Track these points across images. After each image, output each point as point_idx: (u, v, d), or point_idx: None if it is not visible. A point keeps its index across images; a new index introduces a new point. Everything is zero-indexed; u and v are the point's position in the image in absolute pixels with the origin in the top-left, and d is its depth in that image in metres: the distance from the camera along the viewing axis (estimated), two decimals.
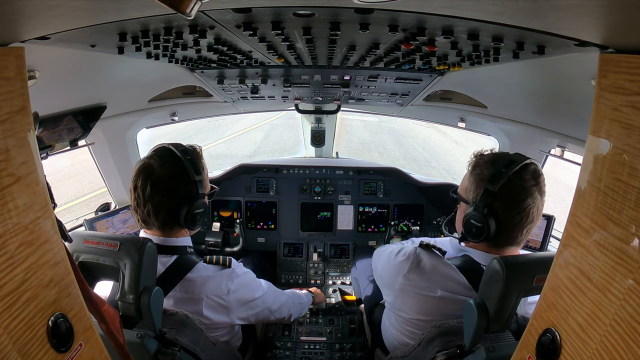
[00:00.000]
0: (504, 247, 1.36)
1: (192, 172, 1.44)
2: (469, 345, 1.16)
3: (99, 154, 2.27)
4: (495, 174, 1.29)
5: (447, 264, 1.39)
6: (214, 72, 1.89)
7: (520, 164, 1.28)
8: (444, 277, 1.36)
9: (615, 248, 0.67)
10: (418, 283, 1.38)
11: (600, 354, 0.68)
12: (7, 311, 0.70)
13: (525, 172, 1.28)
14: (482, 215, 1.29)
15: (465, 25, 0.86)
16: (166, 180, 1.40)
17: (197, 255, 1.56)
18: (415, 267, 1.40)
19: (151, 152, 1.48)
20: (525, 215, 1.27)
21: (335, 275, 2.99)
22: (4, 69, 0.72)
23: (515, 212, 1.27)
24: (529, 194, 1.27)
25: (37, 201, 0.79)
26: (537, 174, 1.30)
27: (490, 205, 1.29)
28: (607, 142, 0.70)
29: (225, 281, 1.48)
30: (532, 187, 1.27)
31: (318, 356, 2.31)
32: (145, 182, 1.40)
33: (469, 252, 1.41)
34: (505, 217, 1.28)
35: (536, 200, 1.28)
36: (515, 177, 1.27)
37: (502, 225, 1.29)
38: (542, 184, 1.31)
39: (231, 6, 0.80)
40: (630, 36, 0.66)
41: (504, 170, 1.28)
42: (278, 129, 14.47)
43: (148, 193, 1.39)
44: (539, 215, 1.31)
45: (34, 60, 1.09)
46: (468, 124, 2.41)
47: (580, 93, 1.28)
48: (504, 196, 1.28)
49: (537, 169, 1.31)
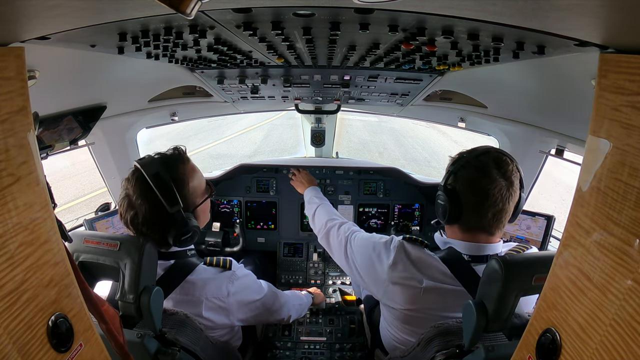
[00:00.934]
0: (474, 232, 1.41)
1: (167, 204, 1.35)
2: (468, 345, 1.16)
3: (99, 154, 2.27)
4: (459, 159, 1.44)
5: (429, 255, 1.44)
6: (214, 72, 1.89)
7: (482, 150, 1.40)
8: (427, 266, 1.41)
9: (616, 248, 0.67)
10: (404, 273, 1.42)
11: (600, 354, 0.68)
12: (7, 311, 0.70)
13: (486, 157, 1.38)
14: (445, 195, 1.40)
15: (465, 25, 0.86)
16: (145, 214, 1.37)
17: (197, 257, 1.55)
18: (401, 257, 1.44)
19: (130, 174, 1.41)
20: (485, 196, 1.33)
21: (335, 275, 2.99)
22: (4, 69, 0.72)
23: (473, 191, 1.36)
24: (485, 174, 1.34)
25: (37, 201, 0.79)
26: (500, 161, 1.36)
27: (453, 186, 1.40)
28: (607, 142, 0.70)
29: (225, 283, 1.48)
30: (492, 170, 1.34)
31: (318, 356, 2.31)
32: (127, 211, 1.39)
33: (451, 243, 1.46)
34: (466, 197, 1.37)
35: (497, 183, 1.33)
36: (473, 160, 1.39)
37: (464, 205, 1.37)
38: (509, 173, 1.36)
39: (231, 6, 0.80)
40: (630, 36, 0.66)
41: (466, 155, 1.43)
42: (278, 129, 14.47)
43: (130, 222, 1.39)
44: (504, 202, 1.35)
45: (34, 60, 1.09)
46: (468, 124, 2.41)
47: (580, 93, 1.28)
48: (462, 176, 1.38)
49: (501, 157, 1.38)
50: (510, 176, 1.36)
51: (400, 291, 1.42)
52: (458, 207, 1.38)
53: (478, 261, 1.40)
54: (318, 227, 1.97)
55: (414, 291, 1.39)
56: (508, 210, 1.38)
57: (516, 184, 1.38)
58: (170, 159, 1.46)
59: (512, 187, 1.36)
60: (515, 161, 1.41)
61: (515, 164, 1.40)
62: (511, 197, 1.37)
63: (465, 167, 1.39)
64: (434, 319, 1.36)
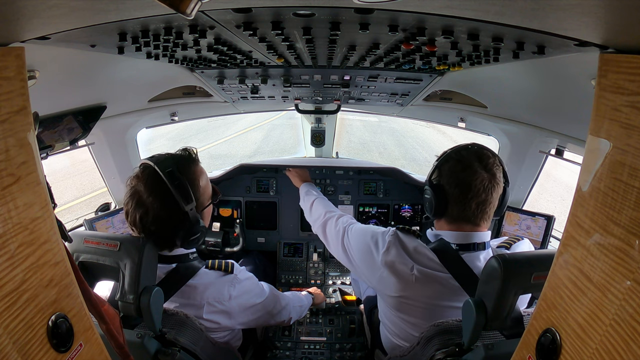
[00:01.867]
0: (459, 223, 1.45)
1: (182, 202, 1.33)
2: (468, 343, 1.16)
3: (99, 154, 2.27)
4: (442, 154, 1.50)
5: (421, 244, 1.49)
6: (214, 72, 1.89)
7: (463, 146, 1.47)
8: (418, 253, 1.46)
9: (615, 248, 0.67)
10: (396, 258, 1.46)
11: (600, 354, 0.68)
12: (7, 311, 0.70)
13: (467, 151, 1.44)
14: (430, 189, 1.47)
15: (465, 25, 0.86)
16: (156, 212, 1.33)
17: (199, 259, 1.53)
18: (394, 243, 1.49)
19: (140, 171, 1.38)
20: (467, 187, 1.38)
21: (335, 275, 2.99)
22: (4, 69, 0.72)
23: (455, 183, 1.41)
24: (466, 166, 1.40)
25: (37, 201, 0.79)
26: (481, 154, 1.42)
27: (437, 180, 1.46)
28: (607, 142, 0.70)
29: (227, 287, 1.47)
30: (473, 162, 1.39)
31: (318, 356, 2.31)
32: (136, 209, 1.35)
33: (441, 234, 1.50)
34: (449, 189, 1.42)
35: (478, 175, 1.38)
36: (454, 154, 1.45)
37: (448, 197, 1.42)
38: (490, 165, 1.40)
39: (231, 6, 0.80)
40: (630, 36, 0.66)
41: (449, 151, 1.49)
42: (278, 129, 14.48)
43: (139, 221, 1.35)
44: (487, 193, 1.40)
45: (34, 60, 1.09)
46: (468, 124, 2.41)
47: (580, 93, 1.28)
48: (445, 170, 1.45)
49: (482, 151, 1.44)
50: (492, 168, 1.40)
51: (392, 276, 1.45)
52: (443, 200, 1.43)
53: (465, 249, 1.44)
54: (315, 217, 2.00)
55: (405, 277, 1.43)
56: (492, 202, 1.42)
57: (499, 176, 1.43)
58: (183, 158, 1.45)
59: (495, 179, 1.41)
60: (498, 156, 1.46)
61: (498, 158, 1.45)
62: (494, 189, 1.41)
63: (448, 161, 1.45)
64: (425, 307, 1.41)
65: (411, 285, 1.42)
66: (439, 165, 1.48)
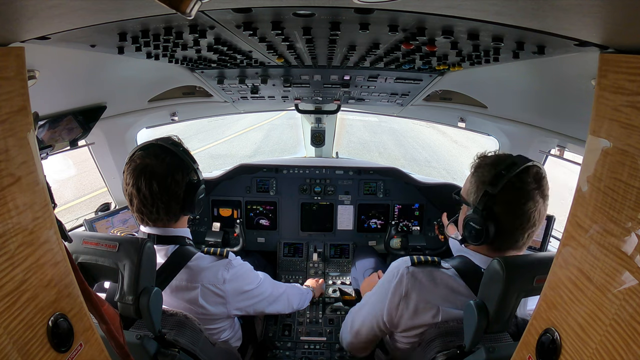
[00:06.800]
0: (504, 252, 1.32)
1: (190, 161, 1.49)
2: (469, 345, 1.16)
3: (99, 154, 2.27)
4: (495, 176, 1.26)
5: (443, 273, 1.35)
6: (214, 72, 1.89)
7: (522, 167, 1.25)
8: (443, 286, 1.32)
9: (616, 248, 0.67)
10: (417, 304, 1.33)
11: (600, 354, 0.68)
12: (7, 311, 0.70)
13: (527, 174, 1.25)
14: (481, 218, 1.26)
15: (465, 25, 0.86)
16: (171, 176, 1.43)
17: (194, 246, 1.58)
18: (412, 286, 1.34)
19: (140, 151, 1.45)
20: (526, 219, 1.24)
21: (335, 275, 2.98)
22: (4, 69, 0.72)
23: (515, 215, 1.24)
24: (529, 197, 1.23)
25: (37, 201, 0.79)
26: (540, 177, 1.27)
27: (490, 208, 1.26)
28: (607, 142, 0.70)
29: (221, 270, 1.50)
30: (534, 191, 1.24)
31: (318, 356, 2.31)
32: (149, 182, 1.40)
33: (469, 255, 1.39)
34: (505, 220, 1.25)
35: (537, 203, 1.25)
36: (516, 180, 1.24)
37: (501, 229, 1.26)
38: (545, 187, 1.27)
39: (231, 6, 0.80)
40: (630, 36, 0.66)
41: (505, 172, 1.25)
42: (278, 129, 14.47)
43: (156, 192, 1.41)
44: (541, 219, 1.28)
45: (34, 60, 1.09)
46: (468, 124, 2.41)
47: (580, 93, 1.28)
48: (503, 199, 1.25)
49: (540, 171, 1.28)
50: (546, 192, 1.28)
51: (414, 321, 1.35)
52: (494, 231, 1.26)
53: None
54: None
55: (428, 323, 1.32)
56: (540, 225, 1.32)
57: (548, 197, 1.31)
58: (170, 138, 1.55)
59: (546, 201, 1.29)
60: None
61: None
62: (545, 212, 1.30)
63: (507, 189, 1.25)
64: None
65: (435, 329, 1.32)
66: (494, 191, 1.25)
